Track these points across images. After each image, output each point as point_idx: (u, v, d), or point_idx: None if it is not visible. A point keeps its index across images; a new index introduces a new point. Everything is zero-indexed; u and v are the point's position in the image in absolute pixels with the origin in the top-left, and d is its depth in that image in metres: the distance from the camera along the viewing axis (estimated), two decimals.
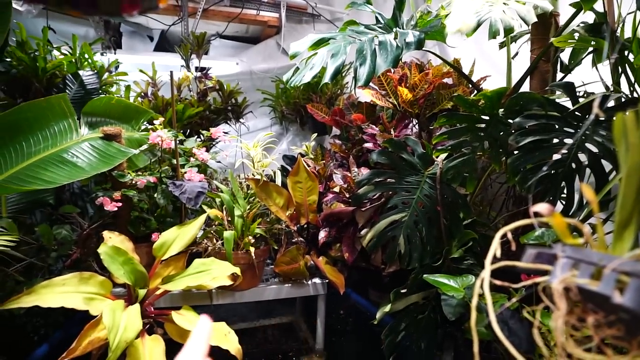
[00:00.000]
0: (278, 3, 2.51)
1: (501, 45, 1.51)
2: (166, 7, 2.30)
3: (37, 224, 1.43)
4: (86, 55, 1.77)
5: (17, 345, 1.29)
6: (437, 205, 1.20)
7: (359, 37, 1.18)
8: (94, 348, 0.94)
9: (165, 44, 2.59)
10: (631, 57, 0.98)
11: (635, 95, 0.98)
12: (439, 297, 1.11)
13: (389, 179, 1.27)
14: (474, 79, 1.55)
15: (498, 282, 0.48)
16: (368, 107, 1.79)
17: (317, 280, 1.43)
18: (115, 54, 2.17)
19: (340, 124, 1.80)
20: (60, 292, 0.96)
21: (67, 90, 1.60)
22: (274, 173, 1.66)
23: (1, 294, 1.16)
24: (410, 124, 1.55)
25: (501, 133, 1.08)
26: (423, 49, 1.50)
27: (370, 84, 1.69)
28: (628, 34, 0.99)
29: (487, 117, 1.08)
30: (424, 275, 1.05)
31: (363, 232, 1.25)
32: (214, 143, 2.02)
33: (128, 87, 1.85)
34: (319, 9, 2.63)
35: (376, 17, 1.31)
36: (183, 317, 1.04)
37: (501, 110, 1.07)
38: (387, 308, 1.16)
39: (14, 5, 1.54)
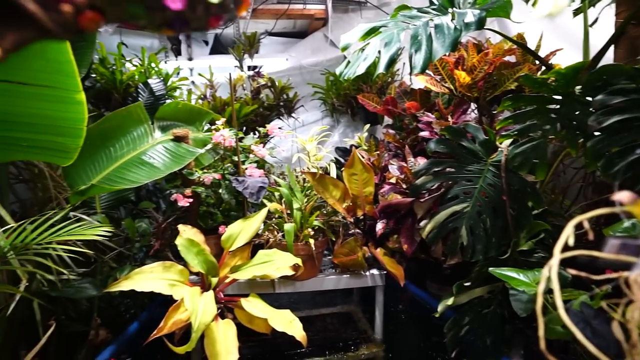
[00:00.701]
0: None
1: (576, 13, 1.36)
2: None
3: (122, 219, 1.64)
4: (153, 64, 1.95)
5: (115, 321, 1.51)
6: (502, 195, 1.14)
7: (412, 22, 1.15)
8: (177, 328, 1.07)
9: (219, 46, 2.75)
10: None
11: None
12: (506, 291, 1.06)
13: (448, 169, 1.23)
14: (542, 54, 1.42)
15: (573, 272, 0.46)
16: (422, 93, 1.73)
17: (374, 271, 1.45)
18: (176, 60, 2.36)
19: (393, 113, 1.77)
20: (149, 279, 1.11)
21: (139, 98, 1.79)
22: (329, 165, 1.69)
23: (100, 277, 1.37)
24: (469, 109, 1.48)
25: (577, 113, 0.99)
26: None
27: None
28: None
29: (559, 97, 1.00)
30: (490, 269, 1.01)
31: (422, 223, 1.24)
32: (268, 139, 2.12)
33: (189, 91, 2.01)
34: None
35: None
36: (251, 304, 1.14)
37: (577, 87, 0.98)
38: (450, 301, 1.14)
39: None
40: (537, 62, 1.35)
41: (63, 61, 0.74)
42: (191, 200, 1.37)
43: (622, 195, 0.36)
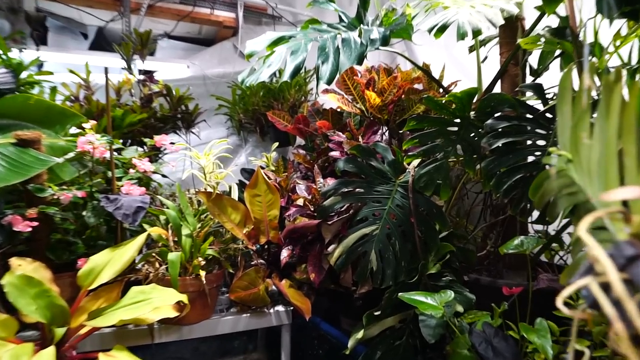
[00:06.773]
0: (235, 2, 2.53)
1: (470, 50, 1.61)
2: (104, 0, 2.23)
3: None
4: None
5: None
6: (410, 217, 1.21)
7: (321, 35, 1.20)
8: None
9: (102, 42, 2.50)
10: (595, 60, 1.07)
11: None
12: (417, 318, 1.10)
13: (357, 189, 1.27)
14: (445, 84, 1.62)
15: None
16: (334, 113, 1.81)
17: (280, 307, 1.37)
18: (38, 50, 2.05)
19: (304, 133, 1.80)
20: None
21: None
22: (231, 188, 1.60)
23: None
24: (380, 131, 1.58)
25: (474, 137, 1.12)
26: (392, 51, 1.55)
27: (336, 88, 1.72)
28: (591, 38, 1.08)
29: (458, 120, 1.13)
30: (399, 294, 1.04)
31: (330, 248, 1.23)
32: (160, 155, 1.93)
33: (54, 89, 1.73)
34: (280, 10, 2.68)
35: (339, 16, 1.35)
36: (114, 359, 0.94)
37: (472, 112, 1.12)
38: (360, 334, 1.13)
39: None
40: (441, 90, 1.53)
41: None
42: (36, 224, 1.12)
43: None
